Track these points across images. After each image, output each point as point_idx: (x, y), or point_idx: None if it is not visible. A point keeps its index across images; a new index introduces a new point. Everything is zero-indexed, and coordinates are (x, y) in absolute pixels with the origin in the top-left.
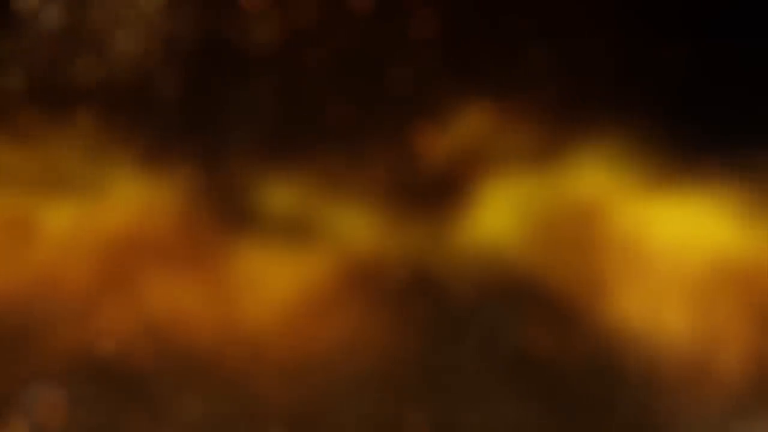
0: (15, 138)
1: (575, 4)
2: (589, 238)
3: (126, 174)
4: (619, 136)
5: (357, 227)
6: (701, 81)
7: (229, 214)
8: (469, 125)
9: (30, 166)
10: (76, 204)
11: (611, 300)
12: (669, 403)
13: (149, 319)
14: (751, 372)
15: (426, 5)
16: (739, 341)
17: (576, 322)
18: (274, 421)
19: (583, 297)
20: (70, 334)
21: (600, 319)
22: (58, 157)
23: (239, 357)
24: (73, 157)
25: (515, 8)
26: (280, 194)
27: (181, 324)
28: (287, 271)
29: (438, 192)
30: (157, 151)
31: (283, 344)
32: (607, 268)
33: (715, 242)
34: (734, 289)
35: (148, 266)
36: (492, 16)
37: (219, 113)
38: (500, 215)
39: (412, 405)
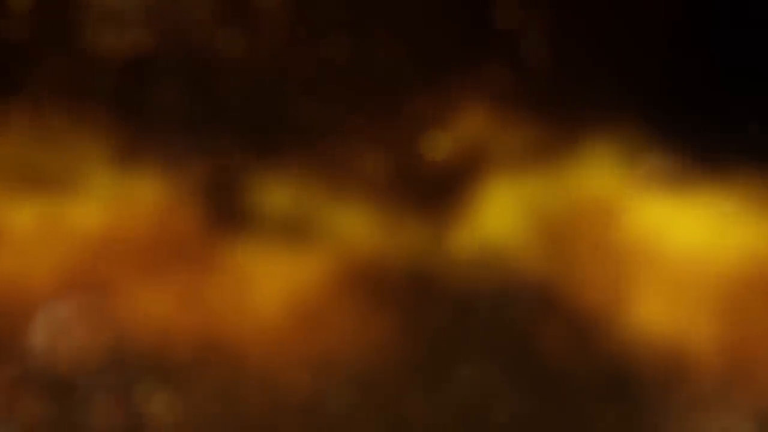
0: None
1: (578, 4)
2: (594, 238)
3: (102, 172)
4: (626, 132)
5: (357, 227)
6: (711, 78)
7: (225, 214)
8: (469, 124)
9: None
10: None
11: (624, 305)
12: (695, 418)
13: (135, 322)
14: None
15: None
16: None
17: (586, 325)
18: (274, 422)
19: (591, 300)
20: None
21: (613, 325)
22: (28, 153)
23: (234, 359)
24: (43, 154)
25: (515, 7)
26: (279, 194)
27: (173, 327)
28: (286, 272)
29: (439, 191)
30: (139, 148)
31: (282, 346)
32: (617, 270)
33: (741, 243)
34: (764, 293)
35: (134, 267)
36: (491, 15)
37: (214, 111)
38: (502, 215)
39: (411, 405)
